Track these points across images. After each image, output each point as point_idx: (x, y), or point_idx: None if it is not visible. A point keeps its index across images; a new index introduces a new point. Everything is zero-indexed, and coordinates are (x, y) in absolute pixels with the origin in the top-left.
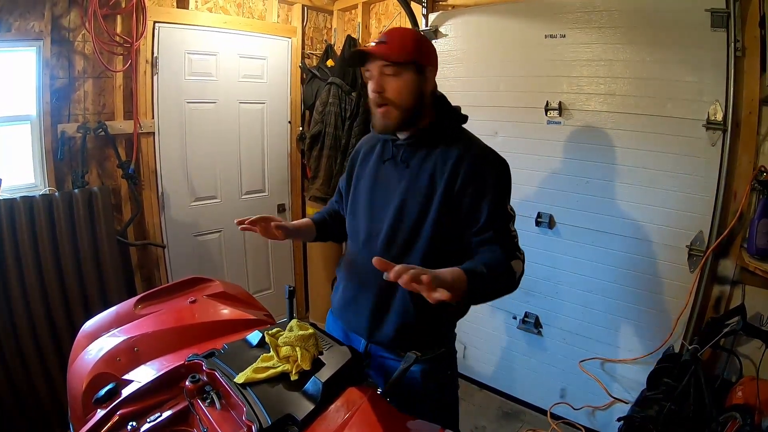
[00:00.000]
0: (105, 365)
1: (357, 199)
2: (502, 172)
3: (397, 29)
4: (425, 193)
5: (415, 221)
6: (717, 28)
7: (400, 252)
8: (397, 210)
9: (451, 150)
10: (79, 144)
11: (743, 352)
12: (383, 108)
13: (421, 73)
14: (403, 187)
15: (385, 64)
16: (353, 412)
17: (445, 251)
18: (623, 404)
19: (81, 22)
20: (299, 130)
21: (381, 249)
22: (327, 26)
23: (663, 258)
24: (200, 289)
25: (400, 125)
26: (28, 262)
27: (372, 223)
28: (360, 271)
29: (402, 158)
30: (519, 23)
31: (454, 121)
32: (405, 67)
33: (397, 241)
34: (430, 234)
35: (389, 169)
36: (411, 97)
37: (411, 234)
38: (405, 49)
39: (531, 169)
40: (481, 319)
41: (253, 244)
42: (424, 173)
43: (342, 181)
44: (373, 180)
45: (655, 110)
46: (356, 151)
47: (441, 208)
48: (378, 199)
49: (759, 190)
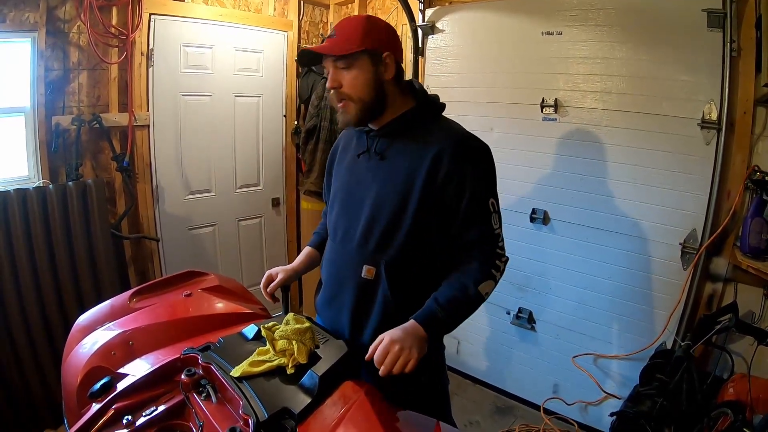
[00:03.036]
0: (100, 359)
1: (335, 196)
2: (484, 161)
3: (345, 20)
4: (403, 188)
5: (393, 216)
6: (713, 28)
7: (376, 248)
8: (373, 205)
9: (430, 141)
10: (73, 136)
11: (735, 349)
12: (342, 103)
13: (377, 60)
14: (379, 181)
15: (335, 58)
16: (350, 405)
17: (424, 245)
18: (616, 400)
19: (76, 13)
20: (294, 124)
21: (357, 245)
22: (323, 20)
23: (656, 255)
24: (196, 283)
25: (361, 118)
26: (21, 254)
27: (348, 220)
28: (339, 269)
29: (376, 150)
30: (516, 20)
31: (432, 108)
32: (356, 57)
33: (373, 237)
34: (408, 229)
35: (363, 163)
36: (368, 88)
37: (388, 230)
38: (351, 39)
39: (526, 165)
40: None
41: (247, 238)
42: (401, 166)
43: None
44: (349, 175)
45: (650, 108)
46: (335, 147)
47: (420, 203)
48: (353, 194)
49: (752, 189)
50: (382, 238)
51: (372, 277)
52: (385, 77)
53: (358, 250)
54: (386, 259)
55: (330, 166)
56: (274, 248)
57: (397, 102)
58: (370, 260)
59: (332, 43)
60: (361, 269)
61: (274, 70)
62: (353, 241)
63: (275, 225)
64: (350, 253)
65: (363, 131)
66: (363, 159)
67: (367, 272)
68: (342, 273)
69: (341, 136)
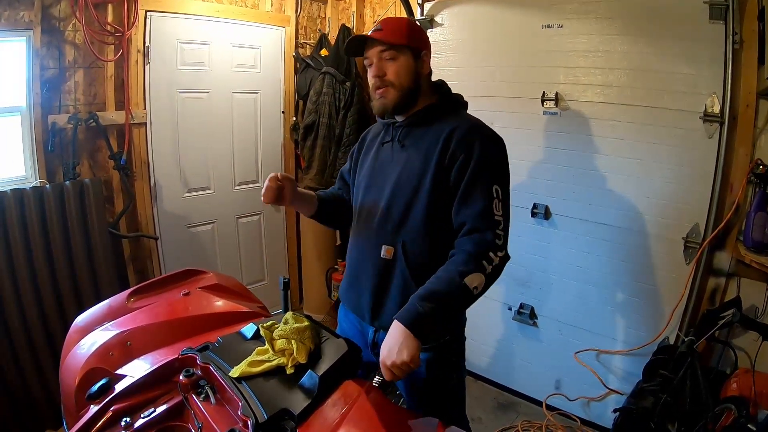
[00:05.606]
0: (98, 360)
1: (359, 182)
2: (495, 148)
3: (391, 18)
4: (419, 170)
5: (410, 197)
6: (715, 20)
7: (395, 229)
8: (393, 188)
9: (445, 126)
10: (70, 135)
11: (738, 344)
12: (383, 90)
13: (417, 56)
14: (399, 165)
15: (382, 49)
16: (350, 405)
17: (439, 225)
18: (618, 395)
19: (71, 11)
20: (293, 120)
21: (377, 227)
22: (321, 15)
23: (659, 250)
24: (194, 282)
25: (398, 104)
26: (19, 255)
27: (370, 204)
28: (361, 251)
29: (399, 139)
30: (515, 13)
31: (454, 103)
32: (401, 50)
33: (392, 218)
34: (424, 209)
35: (387, 151)
36: (409, 78)
37: (405, 210)
38: (400, 33)
39: (527, 159)
40: (476, 311)
41: (246, 236)
42: (419, 151)
43: (344, 169)
44: (373, 162)
45: (652, 102)
46: (362, 139)
47: (433, 183)
48: (376, 179)
49: (755, 182)
50: (400, 218)
51: (391, 257)
52: (422, 72)
53: (377, 231)
54: (404, 239)
55: (358, 153)
56: (274, 245)
57: (425, 96)
58: (389, 240)
59: (382, 35)
60: (380, 250)
61: (271, 66)
62: (374, 223)
63: (275, 222)
64: (371, 235)
65: (389, 123)
66: (387, 147)
67: (386, 252)
68: (364, 254)
69: (371, 128)
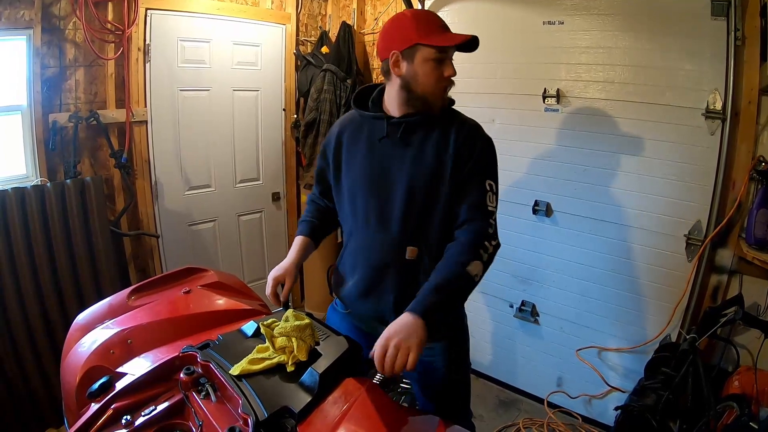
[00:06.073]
0: (98, 358)
1: (354, 182)
2: (489, 146)
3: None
4: (434, 170)
5: (428, 196)
6: (717, 16)
7: (417, 228)
8: (408, 188)
9: (448, 124)
10: (70, 134)
11: (740, 341)
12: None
13: None
14: (408, 165)
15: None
16: (351, 403)
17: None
18: (620, 393)
19: (72, 9)
20: (294, 118)
21: (399, 228)
22: (322, 12)
23: (661, 247)
24: (194, 279)
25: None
26: (21, 254)
27: (381, 206)
28: (378, 255)
29: (401, 136)
30: (517, 9)
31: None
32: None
33: (413, 217)
34: (444, 206)
35: (386, 148)
36: None
37: (426, 209)
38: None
39: (528, 156)
40: (478, 308)
41: (247, 233)
42: (428, 151)
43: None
44: (370, 161)
45: (653, 98)
46: (338, 134)
47: (452, 179)
48: (382, 179)
49: (757, 179)
50: (422, 217)
51: (415, 258)
52: None
53: (399, 232)
54: (428, 237)
55: (336, 152)
56: (275, 243)
57: None
58: (413, 241)
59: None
60: (404, 252)
61: (272, 63)
62: (393, 225)
63: (276, 219)
64: (390, 237)
65: (377, 117)
66: (384, 145)
67: (411, 253)
68: (383, 259)
69: (340, 123)
